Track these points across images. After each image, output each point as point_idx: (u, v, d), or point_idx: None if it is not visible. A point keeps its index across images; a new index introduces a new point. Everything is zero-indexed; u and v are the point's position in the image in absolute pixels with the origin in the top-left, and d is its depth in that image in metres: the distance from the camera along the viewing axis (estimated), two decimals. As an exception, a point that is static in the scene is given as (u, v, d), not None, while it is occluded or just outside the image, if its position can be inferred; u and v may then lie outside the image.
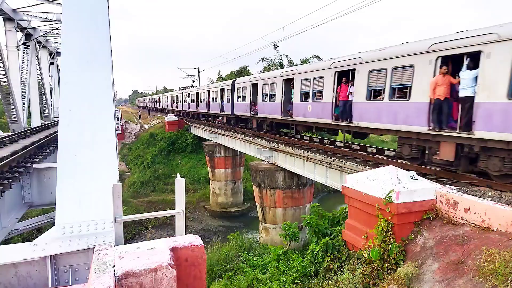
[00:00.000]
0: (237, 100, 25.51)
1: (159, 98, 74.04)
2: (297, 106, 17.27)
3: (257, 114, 22.30)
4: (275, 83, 19.39)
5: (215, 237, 23.85)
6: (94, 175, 5.19)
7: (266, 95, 20.70)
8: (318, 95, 15.55)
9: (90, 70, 5.90)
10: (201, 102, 36.66)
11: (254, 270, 13.59)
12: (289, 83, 18.42)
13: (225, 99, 28.26)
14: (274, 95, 19.63)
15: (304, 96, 16.63)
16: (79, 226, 4.75)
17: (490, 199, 7.40)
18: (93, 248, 4.36)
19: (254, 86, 22.64)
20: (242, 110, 24.83)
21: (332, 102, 14.43)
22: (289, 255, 12.49)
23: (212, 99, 32.28)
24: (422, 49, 10.08)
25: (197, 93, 38.35)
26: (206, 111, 35.29)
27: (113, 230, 4.43)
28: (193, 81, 57.20)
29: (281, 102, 18.77)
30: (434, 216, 7.59)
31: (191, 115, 46.05)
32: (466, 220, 7.04)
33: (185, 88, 51.47)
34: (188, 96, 43.14)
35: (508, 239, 6.00)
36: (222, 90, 29.13)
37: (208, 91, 33.88)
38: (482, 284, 5.49)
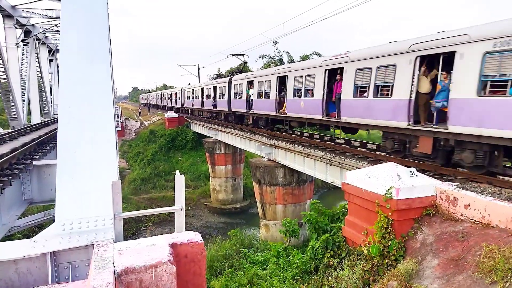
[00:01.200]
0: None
1: (175, 94, 54.66)
2: None
3: None
4: None
5: (215, 234, 23.91)
6: (93, 172, 5.19)
7: None
8: None
9: (89, 67, 5.88)
10: (298, 96, 17.44)
11: (255, 266, 13.61)
12: None
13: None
14: None
15: None
16: (79, 222, 4.75)
17: (490, 195, 7.40)
18: (93, 244, 4.37)
19: None
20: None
21: None
22: (289, 252, 12.52)
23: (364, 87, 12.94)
24: None
25: (278, 78, 19.64)
26: (318, 116, 15.79)
27: (113, 226, 4.44)
28: (245, 63, 33.57)
29: None
30: (434, 212, 7.60)
31: (252, 121, 24.69)
32: (466, 217, 7.04)
33: (223, 75, 33.37)
34: (250, 85, 23.46)
35: (508, 235, 6.00)
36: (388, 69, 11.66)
37: (328, 72, 15.18)
38: (481, 280, 5.50)
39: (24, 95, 26.27)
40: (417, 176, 7.97)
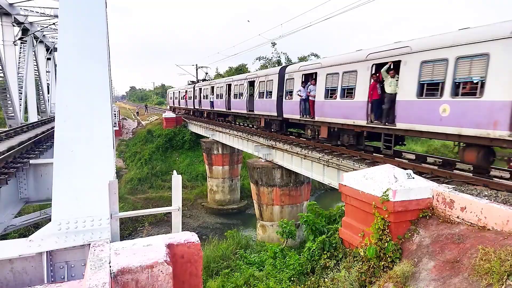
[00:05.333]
0: None
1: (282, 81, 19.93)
2: None
3: None
4: None
5: (212, 234, 23.87)
6: (90, 171, 5.17)
7: None
8: None
9: (87, 66, 5.86)
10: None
11: (251, 267, 13.61)
12: None
13: None
14: None
15: None
16: (75, 222, 4.73)
17: (486, 198, 7.42)
18: (89, 244, 4.35)
19: None
20: None
21: None
22: (285, 253, 12.53)
23: None
24: None
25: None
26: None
27: (109, 226, 4.42)
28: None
29: None
30: (430, 214, 7.61)
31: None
32: (462, 219, 7.06)
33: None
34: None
35: (503, 238, 6.02)
36: None
37: None
38: (477, 283, 5.51)
39: (21, 93, 26.14)
40: (414, 178, 7.98)
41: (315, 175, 15.97)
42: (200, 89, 37.54)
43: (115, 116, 37.45)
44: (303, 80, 17.23)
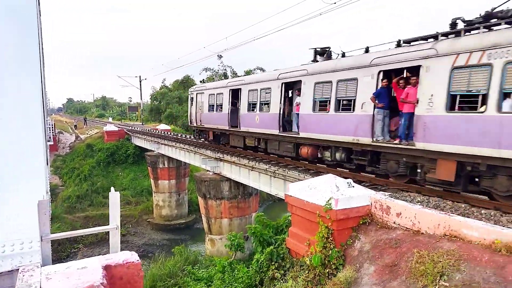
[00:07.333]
0: None
1: None
2: None
3: None
4: None
5: (159, 251, 23.05)
6: (19, 189, 4.77)
7: None
8: None
9: (16, 77, 5.46)
10: None
11: (199, 284, 13.29)
12: None
13: None
14: None
15: None
16: (2, 246, 4.32)
17: (419, 204, 7.94)
18: (18, 269, 3.99)
19: None
20: None
21: None
22: (234, 266, 12.39)
23: None
24: None
25: None
26: None
27: (40, 249, 4.10)
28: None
29: None
30: (369, 221, 7.97)
31: None
32: (399, 224, 7.47)
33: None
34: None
35: (436, 241, 6.46)
36: None
37: None
38: (414, 285, 5.84)
39: None
40: (354, 187, 8.33)
41: (262, 186, 16.11)
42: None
43: (50, 129, 35.04)
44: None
